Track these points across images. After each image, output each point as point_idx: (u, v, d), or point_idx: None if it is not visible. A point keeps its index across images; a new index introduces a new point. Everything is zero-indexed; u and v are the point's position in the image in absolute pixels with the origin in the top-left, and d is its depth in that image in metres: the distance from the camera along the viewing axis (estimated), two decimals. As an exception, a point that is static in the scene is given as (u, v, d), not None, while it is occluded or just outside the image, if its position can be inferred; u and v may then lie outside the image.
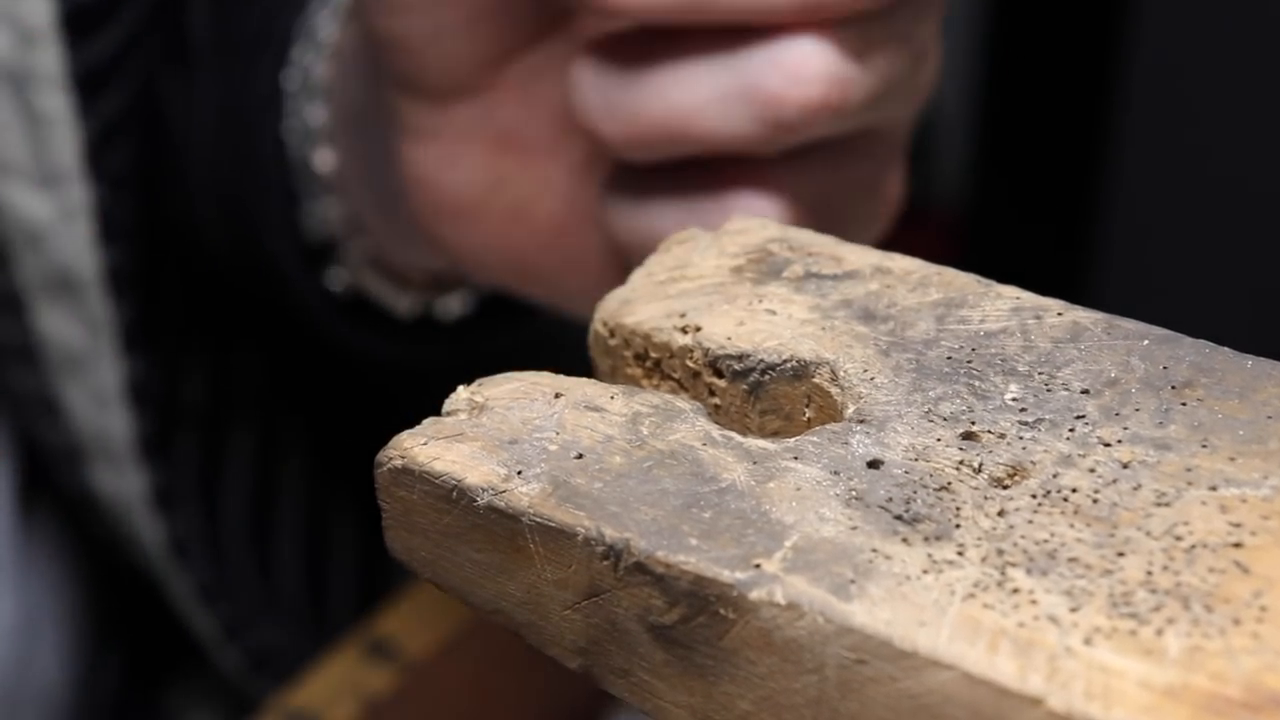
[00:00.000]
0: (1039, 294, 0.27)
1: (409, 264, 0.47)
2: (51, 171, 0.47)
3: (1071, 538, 0.22)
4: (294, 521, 0.57)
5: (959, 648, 0.21)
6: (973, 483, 0.24)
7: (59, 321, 0.49)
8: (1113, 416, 0.25)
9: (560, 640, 0.25)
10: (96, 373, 0.49)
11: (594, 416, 0.26)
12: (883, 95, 0.33)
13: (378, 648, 0.51)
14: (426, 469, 0.25)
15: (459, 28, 0.36)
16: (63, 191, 0.47)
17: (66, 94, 0.46)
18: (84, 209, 0.47)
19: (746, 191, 0.34)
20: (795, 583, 0.22)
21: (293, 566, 0.57)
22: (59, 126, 0.46)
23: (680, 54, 0.33)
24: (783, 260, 0.29)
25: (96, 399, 0.50)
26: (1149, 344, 0.26)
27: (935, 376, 0.26)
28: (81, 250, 0.48)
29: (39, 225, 0.47)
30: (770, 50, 0.33)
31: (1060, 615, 0.21)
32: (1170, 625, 0.21)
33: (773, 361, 0.27)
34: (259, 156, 0.47)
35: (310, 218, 0.47)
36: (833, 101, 0.32)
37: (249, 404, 0.56)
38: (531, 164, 0.38)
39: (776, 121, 0.32)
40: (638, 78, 0.34)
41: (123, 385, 0.49)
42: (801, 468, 0.24)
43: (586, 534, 0.24)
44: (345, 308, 0.49)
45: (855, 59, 0.32)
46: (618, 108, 0.34)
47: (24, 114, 0.46)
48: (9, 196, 0.47)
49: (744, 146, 0.33)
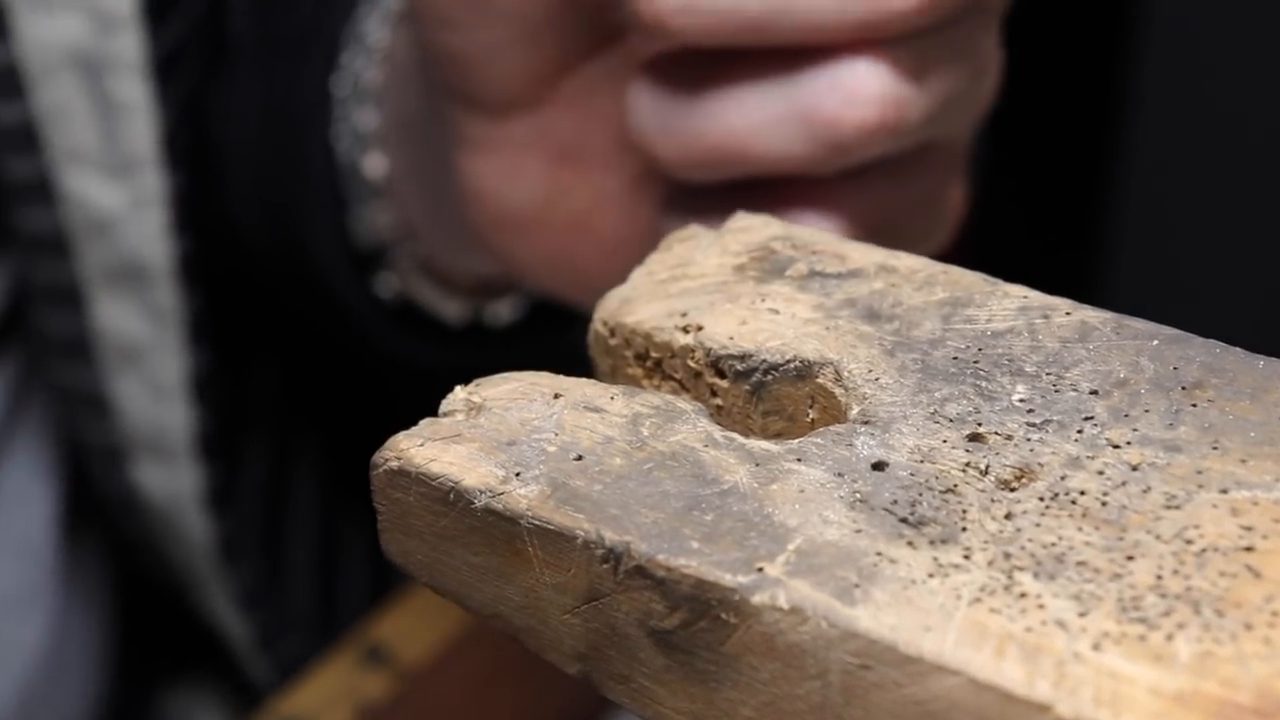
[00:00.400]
0: (1047, 293, 0.27)
1: (460, 269, 0.48)
2: (125, 160, 0.47)
3: (1080, 541, 0.22)
4: (306, 530, 0.57)
5: (965, 653, 0.21)
6: (979, 485, 0.24)
7: (120, 313, 0.49)
8: (1122, 418, 0.25)
9: (559, 645, 0.25)
10: (157, 365, 0.50)
11: (594, 417, 0.26)
12: (942, 111, 0.34)
13: (373, 653, 0.51)
14: (423, 470, 0.25)
15: (515, 42, 0.36)
16: (136, 180, 0.47)
17: (145, 80, 0.46)
18: (158, 197, 0.48)
19: (806, 210, 0.34)
20: (798, 587, 0.22)
21: (304, 573, 0.57)
22: (136, 113, 0.47)
23: (736, 76, 0.34)
24: (786, 258, 0.29)
25: (154, 393, 0.50)
26: (1159, 344, 0.26)
27: (941, 377, 0.26)
28: (154, 239, 0.48)
29: (108, 214, 0.48)
30: (827, 72, 0.33)
31: (1068, 620, 0.21)
32: (1180, 630, 0.21)
33: (776, 361, 0.27)
34: (306, 160, 0.48)
35: (359, 223, 0.47)
36: (889, 122, 0.33)
37: (266, 411, 0.56)
38: (590, 177, 0.38)
39: (833, 143, 0.33)
40: (693, 100, 0.34)
41: (185, 378, 0.50)
42: (805, 470, 0.24)
43: (586, 537, 0.24)
44: (393, 314, 0.49)
45: (912, 78, 0.33)
46: (674, 130, 0.34)
47: (97, 102, 0.47)
48: (78, 186, 0.48)
49: (800, 168, 0.34)
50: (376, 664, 0.50)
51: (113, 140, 0.47)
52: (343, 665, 0.50)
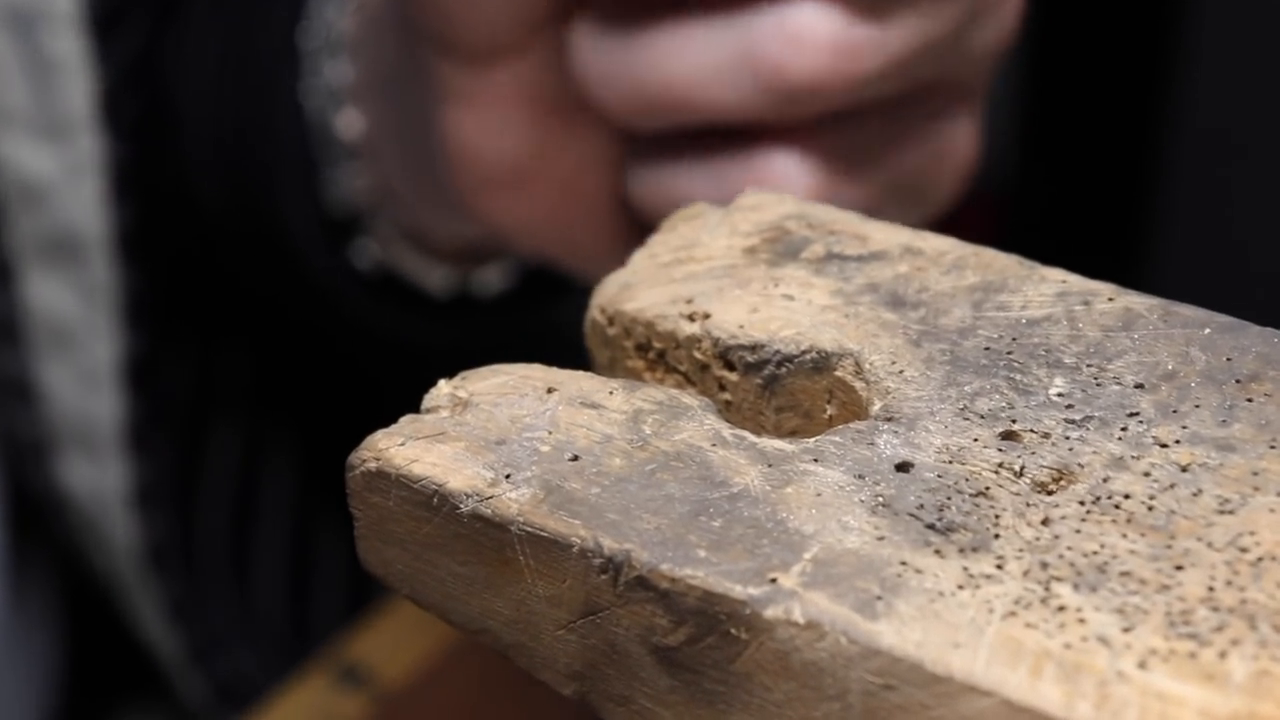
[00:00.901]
0: (1087, 277, 0.27)
1: (444, 234, 0.47)
2: (58, 121, 0.47)
3: (1124, 549, 0.23)
4: (276, 532, 0.57)
5: (998, 672, 0.21)
6: (1013, 488, 0.24)
7: (51, 291, 0.49)
8: (1170, 414, 0.25)
9: (553, 663, 0.25)
10: (88, 349, 0.49)
11: (591, 414, 0.26)
12: (923, 54, 0.34)
13: (349, 674, 0.51)
14: (404, 472, 0.25)
15: None
16: (70, 144, 0.47)
17: (80, 36, 0.46)
18: (95, 164, 0.47)
19: (774, 151, 0.34)
20: (815, 599, 0.22)
21: (272, 582, 0.57)
22: (71, 72, 0.46)
23: (681, 17, 0.33)
24: (801, 239, 0.29)
25: (84, 379, 0.50)
26: (1210, 333, 0.26)
27: (971, 369, 0.26)
28: (89, 209, 0.48)
29: (39, 181, 0.48)
30: (773, 15, 0.33)
31: (1112, 636, 0.21)
32: (1234, 647, 0.21)
33: (790, 352, 0.27)
34: (272, 118, 0.47)
35: (333, 186, 0.47)
36: (842, 70, 0.32)
37: (233, 401, 0.56)
38: (580, 132, 0.38)
39: (781, 92, 0.33)
40: (633, 42, 0.34)
41: (118, 363, 0.49)
42: (822, 471, 0.24)
43: (582, 545, 0.24)
44: (373, 286, 0.49)
45: (871, 21, 0.33)
46: (616, 75, 0.34)
47: (29, 58, 0.46)
48: (6, 149, 0.47)
49: (751, 117, 0.33)
50: (353, 685, 0.51)
51: (46, 100, 0.47)
52: (316, 686, 0.50)
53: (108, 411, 0.50)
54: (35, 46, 0.46)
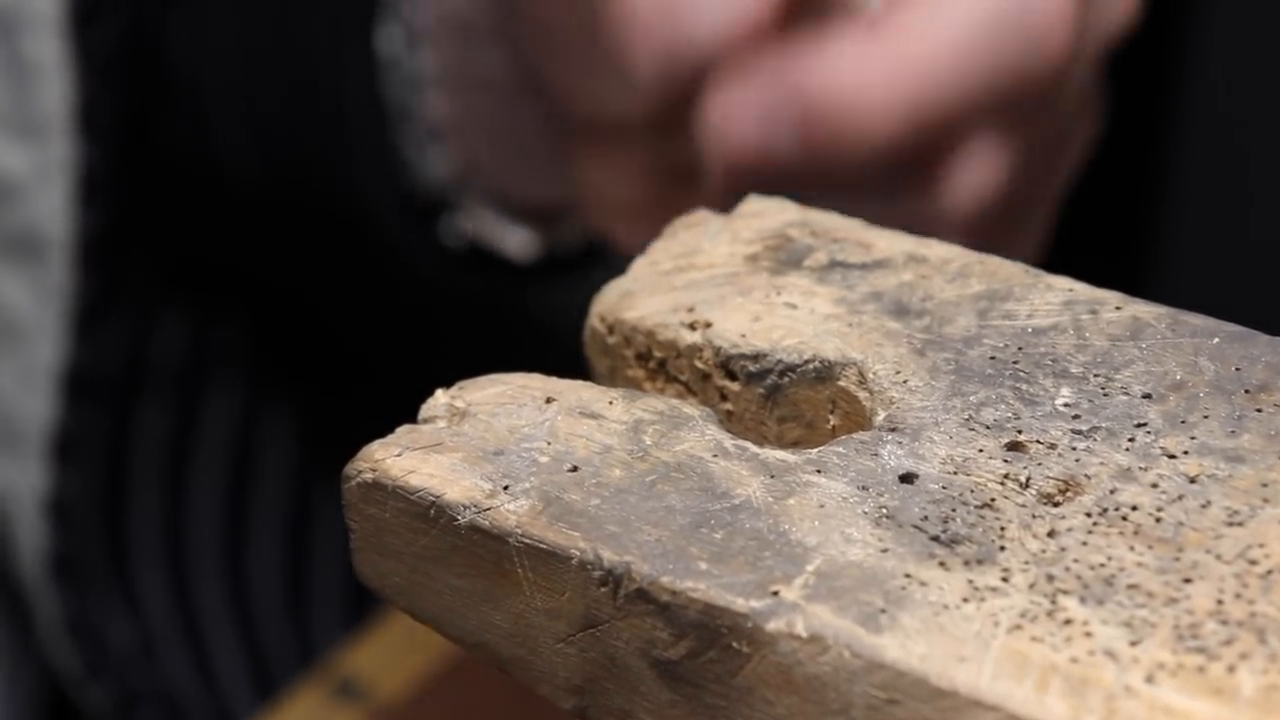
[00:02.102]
0: (1095, 285, 0.27)
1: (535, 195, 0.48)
2: (32, 122, 0.47)
3: (1131, 562, 0.22)
4: (272, 543, 0.57)
5: (1004, 686, 0.21)
6: (1019, 499, 0.24)
7: (7, 285, 0.49)
8: (1178, 424, 0.25)
9: (552, 677, 0.25)
10: (33, 349, 0.49)
11: (590, 424, 0.26)
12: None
13: (345, 687, 0.51)
14: (400, 483, 0.25)
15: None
16: (43, 145, 0.47)
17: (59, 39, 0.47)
18: (65, 166, 0.48)
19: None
20: (818, 612, 0.22)
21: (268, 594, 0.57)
22: (47, 74, 0.47)
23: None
24: (804, 247, 0.29)
25: (23, 378, 0.50)
26: (1219, 342, 0.26)
27: (977, 379, 0.26)
28: (56, 211, 0.48)
29: (10, 179, 0.48)
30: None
31: (1119, 649, 0.21)
32: (1244, 661, 0.21)
33: (793, 362, 0.27)
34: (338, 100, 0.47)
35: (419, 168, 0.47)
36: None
37: (225, 402, 0.56)
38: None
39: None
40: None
41: (60, 366, 0.50)
42: (825, 482, 0.24)
43: (582, 557, 0.24)
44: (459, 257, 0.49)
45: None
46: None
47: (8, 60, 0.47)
48: None
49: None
50: (350, 698, 0.50)
51: (22, 101, 0.47)
52: (311, 700, 0.50)
53: (39, 413, 0.50)
54: (14, 49, 0.47)
